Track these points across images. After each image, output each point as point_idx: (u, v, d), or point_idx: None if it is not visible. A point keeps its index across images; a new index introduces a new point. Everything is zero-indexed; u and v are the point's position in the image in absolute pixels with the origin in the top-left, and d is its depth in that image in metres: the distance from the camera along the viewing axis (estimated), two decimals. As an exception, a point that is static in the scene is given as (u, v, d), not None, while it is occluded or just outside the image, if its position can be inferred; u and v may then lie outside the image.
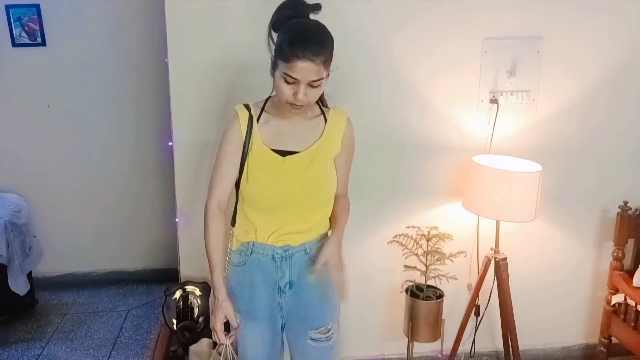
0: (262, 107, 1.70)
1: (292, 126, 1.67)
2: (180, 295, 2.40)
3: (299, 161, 1.65)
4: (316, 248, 1.72)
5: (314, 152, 1.66)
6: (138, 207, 3.59)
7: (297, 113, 1.62)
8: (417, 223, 2.37)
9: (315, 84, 1.54)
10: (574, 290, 2.72)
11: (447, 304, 2.41)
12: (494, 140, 2.44)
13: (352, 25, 2.27)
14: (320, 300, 1.74)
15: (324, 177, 1.68)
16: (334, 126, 1.70)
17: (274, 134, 1.67)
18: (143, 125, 3.46)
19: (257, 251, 1.71)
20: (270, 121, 1.68)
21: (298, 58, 1.48)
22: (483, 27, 2.36)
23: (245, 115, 1.66)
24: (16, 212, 3.15)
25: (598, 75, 2.47)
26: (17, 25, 3.24)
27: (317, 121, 1.70)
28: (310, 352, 1.77)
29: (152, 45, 3.24)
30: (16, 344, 2.94)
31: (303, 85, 1.52)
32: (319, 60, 1.51)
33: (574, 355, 2.81)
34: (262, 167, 1.65)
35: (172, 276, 2.91)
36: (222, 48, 2.26)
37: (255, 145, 1.65)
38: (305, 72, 1.50)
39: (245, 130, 1.65)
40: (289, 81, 1.53)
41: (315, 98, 1.60)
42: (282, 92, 1.56)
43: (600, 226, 2.65)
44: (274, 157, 1.64)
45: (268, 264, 1.70)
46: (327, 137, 1.69)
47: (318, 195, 1.69)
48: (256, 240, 1.70)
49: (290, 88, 1.54)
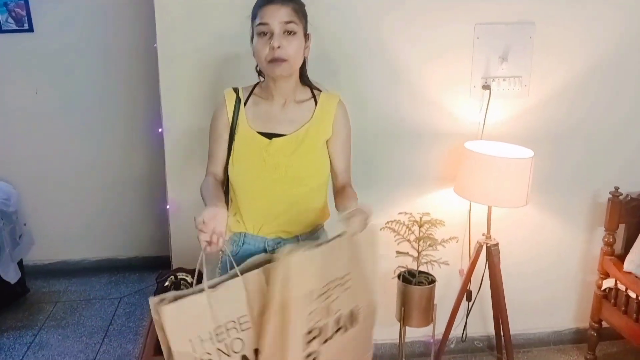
0: (251, 91, 1.69)
1: (281, 109, 1.65)
2: (171, 282, 2.39)
3: (285, 144, 1.61)
4: (311, 240, 1.68)
5: (303, 135, 1.63)
6: (129, 194, 3.57)
7: (281, 74, 1.56)
8: (409, 209, 2.37)
9: (288, 27, 1.53)
10: (565, 275, 2.74)
11: (439, 289, 2.41)
12: (486, 126, 2.44)
13: (340, 10, 2.25)
14: None
15: (313, 162, 1.65)
16: (325, 109, 1.67)
17: (263, 116, 1.65)
18: (133, 112, 3.43)
19: (248, 242, 1.70)
20: (259, 104, 1.66)
21: (267, 3, 1.53)
22: (475, 13, 2.34)
23: (232, 98, 1.65)
24: (5, 199, 3.13)
25: (590, 61, 2.47)
26: (4, 11, 3.19)
27: (308, 104, 1.67)
28: None
29: (141, 30, 3.20)
30: (8, 332, 2.93)
31: (277, 34, 1.52)
32: (289, 4, 1.53)
33: (565, 339, 2.84)
34: (247, 149, 1.63)
35: (163, 263, 2.90)
36: (211, 34, 2.23)
37: (241, 128, 1.63)
38: (276, 13, 1.52)
39: (232, 113, 1.64)
40: (263, 30, 1.53)
41: (296, 53, 1.56)
42: (258, 50, 1.55)
43: (592, 211, 2.66)
44: (260, 140, 1.62)
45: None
46: (317, 119, 1.65)
47: (305, 180, 1.65)
48: (247, 231, 1.69)
49: (265, 42, 1.53)
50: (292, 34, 1.54)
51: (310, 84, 1.71)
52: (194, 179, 1.74)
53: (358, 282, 1.54)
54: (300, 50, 1.58)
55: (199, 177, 1.69)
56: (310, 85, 1.71)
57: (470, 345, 2.76)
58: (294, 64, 1.58)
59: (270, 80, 1.63)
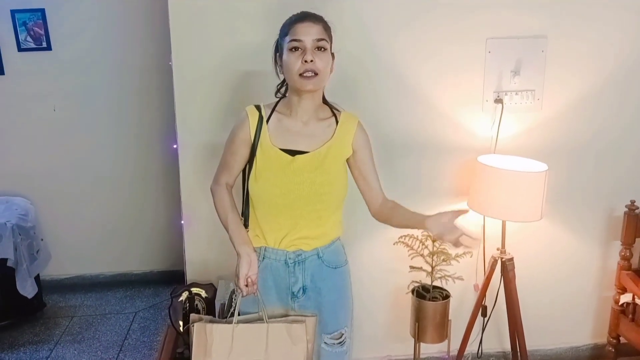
0: (273, 108, 1.72)
1: (303, 126, 1.68)
2: (186, 297, 2.40)
3: (308, 161, 1.65)
4: (329, 252, 1.73)
5: (325, 152, 1.66)
6: (144, 209, 3.61)
7: (311, 89, 1.60)
8: (422, 224, 2.36)
9: (320, 44, 1.58)
10: (582, 289, 2.70)
11: (454, 305, 2.40)
12: (499, 140, 2.44)
13: (354, 27, 2.27)
14: (334, 305, 1.75)
15: (334, 179, 1.68)
16: (345, 128, 1.71)
17: (285, 133, 1.67)
18: (148, 128, 3.48)
19: (269, 256, 1.71)
20: (281, 121, 1.69)
21: (299, 21, 1.59)
22: (487, 27, 2.35)
23: (255, 116, 1.68)
24: (23, 215, 3.17)
25: (603, 74, 2.46)
26: (23, 30, 3.26)
27: (329, 122, 1.71)
28: (324, 357, 1.77)
29: (157, 47, 3.25)
30: (24, 347, 2.96)
31: (309, 49, 1.57)
32: (319, 23, 1.60)
33: (582, 356, 2.80)
34: (270, 166, 1.65)
35: (178, 278, 2.92)
36: (226, 50, 2.26)
37: (264, 145, 1.66)
38: (308, 31, 1.57)
39: (254, 130, 1.66)
40: (295, 46, 1.58)
41: (325, 67, 1.60)
42: (290, 64, 1.59)
43: (607, 225, 2.63)
44: (283, 157, 1.65)
45: (281, 269, 1.71)
46: (338, 138, 1.69)
47: (327, 196, 1.68)
48: (267, 245, 1.71)
49: (298, 56, 1.57)
50: (322, 50, 1.59)
51: (329, 103, 1.75)
52: (208, 196, 1.76)
53: None
54: (328, 66, 1.63)
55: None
56: (329, 104, 1.75)
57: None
58: (323, 79, 1.62)
59: (294, 96, 1.67)
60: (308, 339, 1.66)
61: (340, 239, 1.80)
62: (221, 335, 1.63)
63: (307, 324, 1.66)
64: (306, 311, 1.71)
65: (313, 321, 1.68)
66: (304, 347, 1.65)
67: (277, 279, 1.71)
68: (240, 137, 1.69)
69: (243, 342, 1.63)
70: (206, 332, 1.63)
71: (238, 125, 1.70)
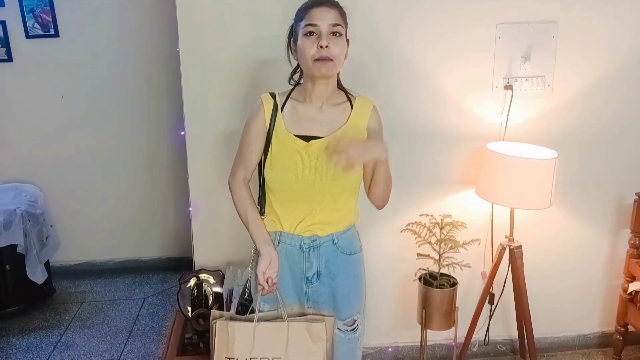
0: (288, 95, 1.72)
1: (318, 112, 1.68)
2: (194, 283, 2.42)
3: (323, 146, 1.64)
4: (344, 239, 1.73)
5: (339, 138, 1.65)
6: (152, 196, 3.62)
7: (325, 73, 1.60)
8: (430, 211, 2.36)
9: (335, 29, 1.58)
10: (590, 278, 2.69)
11: (461, 292, 2.40)
12: (509, 127, 2.42)
13: (360, 13, 2.24)
14: (347, 291, 1.75)
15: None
16: (360, 112, 1.70)
17: (300, 119, 1.68)
18: (156, 115, 3.48)
19: (284, 241, 1.72)
20: (296, 107, 1.70)
21: (315, 6, 1.58)
22: (497, 12, 2.32)
23: (270, 104, 1.69)
24: (32, 202, 3.19)
25: (616, 61, 2.43)
26: (30, 17, 3.26)
27: (344, 107, 1.71)
28: (337, 343, 1.77)
29: (165, 35, 3.24)
30: (35, 332, 2.99)
31: (325, 34, 1.56)
32: (335, 9, 1.59)
33: (590, 344, 2.79)
34: (285, 152, 1.66)
35: (186, 264, 2.94)
36: (233, 39, 2.25)
37: (279, 132, 1.66)
38: (324, 16, 1.57)
39: (269, 118, 1.67)
40: (311, 31, 1.58)
41: (340, 53, 1.60)
42: (305, 49, 1.58)
43: (617, 213, 2.61)
44: (298, 143, 1.65)
45: (295, 254, 1.71)
46: (353, 122, 1.69)
47: (342, 181, 1.67)
48: (283, 230, 1.71)
49: (313, 41, 1.57)
50: (338, 35, 1.59)
51: (344, 88, 1.74)
52: (216, 182, 1.76)
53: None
54: (343, 52, 1.63)
55: (221, 180, 1.71)
56: (344, 90, 1.74)
57: (493, 349, 2.73)
58: (338, 64, 1.62)
59: (309, 82, 1.67)
60: (327, 337, 1.69)
61: (355, 226, 1.80)
62: (243, 333, 1.66)
63: (327, 323, 1.69)
64: (323, 310, 1.74)
65: (331, 321, 1.71)
66: (323, 345, 1.68)
67: (292, 263, 1.72)
68: (255, 126, 1.69)
69: (264, 340, 1.66)
70: (228, 330, 1.66)
71: (253, 115, 1.71)
